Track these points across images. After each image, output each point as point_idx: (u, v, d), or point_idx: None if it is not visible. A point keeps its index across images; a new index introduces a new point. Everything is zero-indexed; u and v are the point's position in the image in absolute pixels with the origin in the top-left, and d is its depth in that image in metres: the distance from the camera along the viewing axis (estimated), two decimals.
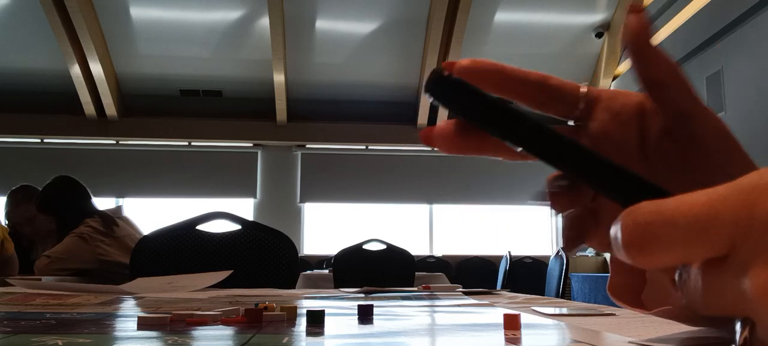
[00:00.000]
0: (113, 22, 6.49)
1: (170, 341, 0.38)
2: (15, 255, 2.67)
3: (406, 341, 0.41)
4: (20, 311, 0.61)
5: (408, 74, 7.16)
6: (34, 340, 0.38)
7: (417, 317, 0.58)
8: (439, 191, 7.70)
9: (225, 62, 6.98)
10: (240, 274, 1.48)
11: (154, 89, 7.25)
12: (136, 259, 1.75)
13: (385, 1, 6.40)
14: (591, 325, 0.48)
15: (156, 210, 7.35)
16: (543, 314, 0.60)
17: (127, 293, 0.92)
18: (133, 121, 7.34)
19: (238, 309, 0.51)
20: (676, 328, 0.43)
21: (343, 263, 3.68)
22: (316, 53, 6.93)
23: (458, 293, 1.01)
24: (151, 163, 7.50)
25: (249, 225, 1.79)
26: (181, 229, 1.75)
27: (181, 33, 6.60)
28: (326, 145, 7.66)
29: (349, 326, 0.50)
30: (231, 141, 7.57)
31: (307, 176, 7.65)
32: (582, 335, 0.42)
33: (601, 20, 6.70)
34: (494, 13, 6.54)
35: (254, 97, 7.36)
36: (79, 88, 6.83)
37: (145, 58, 6.89)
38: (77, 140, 7.36)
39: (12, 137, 7.30)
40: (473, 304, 0.76)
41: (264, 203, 7.59)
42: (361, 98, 7.47)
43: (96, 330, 0.45)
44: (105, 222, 2.43)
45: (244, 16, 6.46)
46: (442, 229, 7.74)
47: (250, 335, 0.40)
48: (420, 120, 7.43)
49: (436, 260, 6.93)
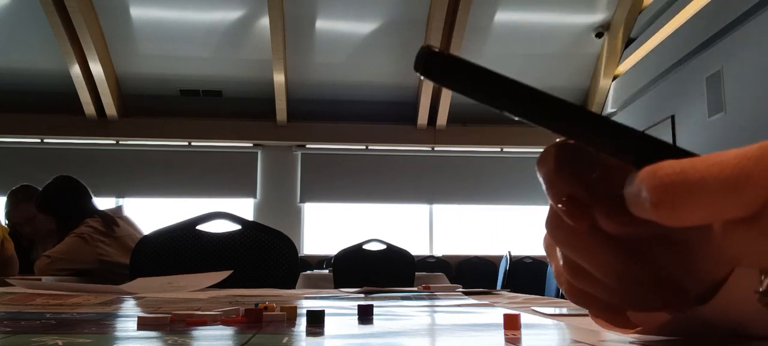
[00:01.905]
0: (113, 22, 6.50)
1: (170, 341, 0.38)
2: (15, 255, 2.67)
3: (406, 341, 0.41)
4: (20, 311, 0.61)
5: (408, 74, 7.16)
6: (34, 340, 0.38)
7: (417, 317, 0.58)
8: (439, 191, 7.70)
9: (225, 62, 6.98)
10: (240, 274, 1.47)
11: (154, 89, 7.25)
12: (136, 259, 1.75)
13: (385, 1, 6.40)
14: (591, 325, 0.48)
15: (156, 210, 7.35)
16: (543, 314, 0.60)
17: (127, 293, 0.92)
18: (133, 121, 7.34)
19: (238, 309, 0.51)
20: None
21: (343, 263, 3.69)
22: (316, 53, 6.93)
23: (458, 293, 1.01)
24: (151, 164, 7.50)
25: (249, 225, 1.79)
26: (181, 229, 1.75)
27: (181, 33, 6.60)
28: (326, 145, 7.66)
29: (349, 326, 0.50)
30: (231, 141, 7.57)
31: (307, 176, 7.65)
32: (582, 335, 0.42)
33: (601, 20, 6.70)
34: (494, 13, 6.54)
35: (254, 97, 7.36)
36: (79, 88, 6.83)
37: (145, 58, 6.89)
38: (77, 140, 7.36)
39: (12, 137, 7.30)
40: (473, 304, 0.76)
41: (264, 203, 7.59)
42: (361, 98, 7.47)
43: (96, 330, 0.45)
44: (105, 222, 2.42)
45: (244, 16, 6.46)
46: (442, 229, 7.74)
47: (250, 335, 0.40)
48: (420, 120, 7.44)
49: (436, 260, 6.93)
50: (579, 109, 0.25)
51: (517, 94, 0.25)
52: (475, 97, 0.26)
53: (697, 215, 0.21)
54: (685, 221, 0.21)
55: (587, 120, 0.24)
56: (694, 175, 0.21)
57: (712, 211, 0.21)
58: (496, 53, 6.93)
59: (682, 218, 0.21)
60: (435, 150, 7.71)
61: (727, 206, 0.21)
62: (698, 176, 0.21)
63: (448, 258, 7.05)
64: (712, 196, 0.21)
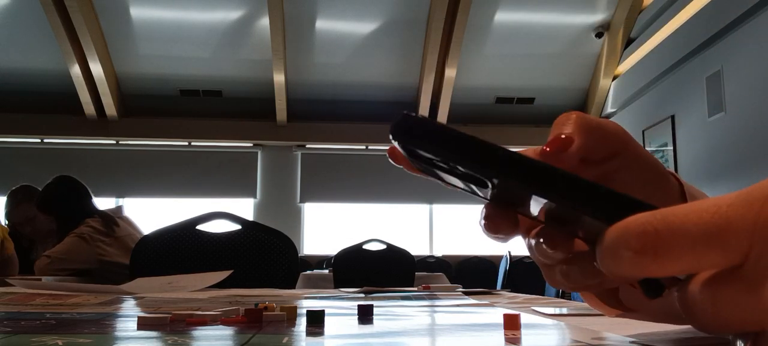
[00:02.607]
0: (113, 22, 6.50)
1: (170, 341, 0.38)
2: (15, 255, 2.67)
3: (406, 341, 0.41)
4: (20, 311, 0.61)
5: (408, 74, 7.16)
6: (34, 340, 0.38)
7: (417, 317, 0.58)
8: (439, 191, 7.70)
9: (225, 62, 6.98)
10: (240, 274, 1.47)
11: (154, 89, 7.25)
12: (136, 259, 1.75)
13: (385, 1, 6.40)
14: (591, 325, 0.48)
15: (156, 210, 7.35)
16: (543, 314, 0.60)
17: (127, 293, 0.92)
18: (133, 121, 7.34)
19: (238, 309, 0.51)
20: (678, 326, 0.42)
21: (343, 263, 3.69)
22: (316, 53, 6.93)
23: (458, 293, 1.01)
24: (151, 164, 7.50)
25: (249, 225, 1.79)
26: (181, 229, 1.75)
27: (181, 33, 6.60)
28: (326, 145, 7.66)
29: (349, 326, 0.50)
30: (231, 141, 7.57)
31: (307, 176, 7.65)
32: (582, 335, 0.42)
33: (601, 20, 6.70)
34: (494, 13, 6.54)
35: (254, 97, 7.36)
36: (79, 88, 6.83)
37: (145, 58, 6.89)
38: (77, 140, 7.36)
39: (12, 137, 7.30)
40: (473, 304, 0.76)
41: (264, 203, 7.59)
42: (361, 98, 7.47)
43: (96, 330, 0.45)
44: (105, 222, 2.43)
45: (244, 16, 6.46)
46: (442, 229, 7.74)
47: (250, 335, 0.40)
48: None
49: (436, 260, 6.93)
50: (561, 174, 0.25)
51: (499, 162, 0.26)
52: (453, 161, 0.26)
53: (678, 263, 0.21)
54: (666, 270, 0.21)
55: (565, 182, 0.25)
56: (675, 220, 0.21)
57: (695, 259, 0.21)
58: (496, 53, 6.94)
59: (664, 267, 0.21)
60: None
61: (709, 254, 0.20)
62: (678, 220, 0.21)
63: (448, 258, 7.05)
64: (694, 243, 0.20)
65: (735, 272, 0.20)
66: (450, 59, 6.66)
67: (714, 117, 5.13)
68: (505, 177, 0.25)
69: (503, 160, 0.25)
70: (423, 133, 0.26)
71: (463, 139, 0.26)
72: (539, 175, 0.25)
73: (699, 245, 0.20)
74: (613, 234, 0.22)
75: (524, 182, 0.25)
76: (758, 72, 4.59)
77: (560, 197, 0.25)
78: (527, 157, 0.25)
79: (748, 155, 4.62)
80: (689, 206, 0.21)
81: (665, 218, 0.21)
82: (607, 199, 0.24)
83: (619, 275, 0.22)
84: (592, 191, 0.24)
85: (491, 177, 0.26)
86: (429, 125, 0.26)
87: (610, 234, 0.22)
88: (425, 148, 0.26)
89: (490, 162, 0.25)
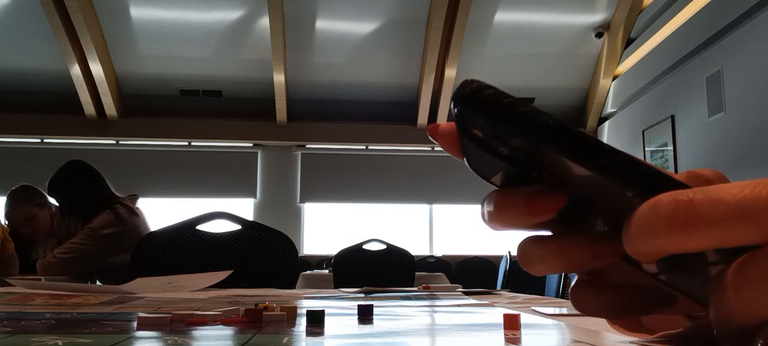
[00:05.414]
0: (113, 22, 6.50)
1: (170, 341, 0.38)
2: (15, 255, 2.66)
3: (406, 341, 0.41)
4: (20, 311, 0.61)
5: (408, 74, 7.16)
6: (34, 340, 0.38)
7: (417, 317, 0.58)
8: (439, 191, 7.70)
9: (225, 62, 6.99)
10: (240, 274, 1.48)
11: (154, 89, 7.25)
12: (136, 259, 1.75)
13: (385, 1, 6.40)
14: (591, 325, 0.48)
15: (156, 210, 7.35)
16: (543, 314, 0.60)
17: (127, 293, 0.92)
18: (133, 121, 7.34)
19: (238, 309, 0.51)
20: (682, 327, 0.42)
21: (343, 263, 3.69)
22: (316, 53, 6.93)
23: (458, 293, 1.01)
24: (151, 164, 7.50)
25: (249, 225, 1.79)
26: (181, 229, 1.75)
27: (181, 33, 6.60)
28: (326, 145, 7.66)
29: (349, 326, 0.50)
30: (231, 141, 7.57)
31: (307, 176, 7.65)
32: (582, 335, 0.42)
33: (601, 20, 6.70)
34: (494, 13, 6.54)
35: (254, 97, 7.37)
36: (79, 88, 6.83)
37: (145, 58, 6.89)
38: (77, 140, 7.36)
39: (12, 137, 7.30)
40: (473, 304, 0.76)
41: (264, 203, 7.60)
42: (361, 98, 7.47)
43: (96, 330, 0.45)
44: (130, 212, 2.44)
45: (244, 16, 6.46)
46: (442, 229, 7.74)
47: (250, 335, 0.40)
48: (420, 120, 7.44)
49: (436, 260, 6.93)
50: (606, 147, 0.25)
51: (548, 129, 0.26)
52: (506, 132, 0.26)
53: (708, 235, 0.21)
54: (694, 243, 0.21)
55: (600, 153, 0.25)
56: (711, 190, 0.21)
57: (725, 233, 0.21)
58: (496, 53, 6.94)
59: (694, 238, 0.21)
60: (435, 150, 7.70)
61: (740, 228, 0.20)
62: (715, 191, 0.21)
63: (448, 258, 7.05)
64: (726, 216, 0.20)
65: (765, 250, 0.21)
66: (450, 59, 6.66)
67: (714, 117, 5.13)
68: (554, 144, 0.25)
69: (554, 127, 0.25)
70: (484, 97, 0.27)
71: (518, 103, 0.26)
72: (586, 144, 0.25)
73: (735, 215, 0.20)
74: (647, 205, 0.22)
75: (571, 151, 0.25)
76: (758, 72, 4.59)
77: (604, 168, 0.25)
78: (574, 127, 0.25)
79: (748, 155, 4.62)
80: (724, 185, 0.21)
81: (702, 190, 0.21)
82: (650, 175, 0.24)
83: (644, 251, 0.22)
84: (637, 165, 0.24)
85: (539, 145, 0.26)
86: (489, 88, 0.27)
87: (643, 206, 0.22)
88: (485, 111, 0.27)
89: (541, 127, 0.26)
